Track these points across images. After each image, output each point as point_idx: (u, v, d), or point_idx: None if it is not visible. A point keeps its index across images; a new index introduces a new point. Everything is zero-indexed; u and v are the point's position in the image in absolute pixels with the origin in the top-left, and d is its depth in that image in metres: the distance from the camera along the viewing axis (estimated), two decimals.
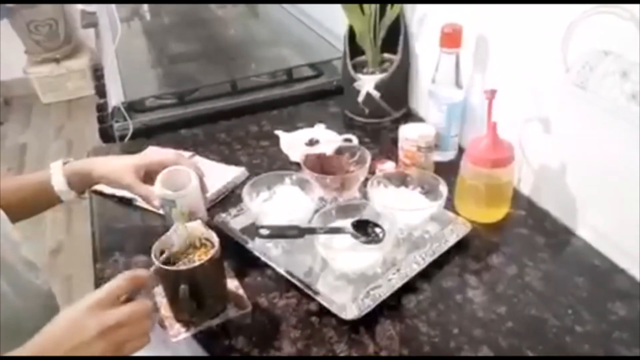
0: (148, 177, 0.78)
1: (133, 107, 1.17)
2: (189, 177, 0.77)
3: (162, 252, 0.65)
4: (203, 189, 0.80)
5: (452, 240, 0.78)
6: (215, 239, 0.67)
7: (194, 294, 0.63)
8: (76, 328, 0.51)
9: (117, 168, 0.76)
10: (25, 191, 0.77)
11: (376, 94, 1.08)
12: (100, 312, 0.52)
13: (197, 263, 0.63)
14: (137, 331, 0.54)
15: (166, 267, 0.63)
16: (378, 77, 1.08)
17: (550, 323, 0.66)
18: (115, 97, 1.17)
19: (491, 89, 0.78)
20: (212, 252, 0.64)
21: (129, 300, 0.56)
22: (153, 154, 0.80)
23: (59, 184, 0.76)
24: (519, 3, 0.80)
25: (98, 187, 0.95)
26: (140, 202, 0.91)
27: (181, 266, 0.64)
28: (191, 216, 0.75)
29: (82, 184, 0.79)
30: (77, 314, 0.52)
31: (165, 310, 0.70)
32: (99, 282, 0.76)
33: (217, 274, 0.69)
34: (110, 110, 1.15)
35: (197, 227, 0.70)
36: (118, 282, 0.55)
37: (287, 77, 1.28)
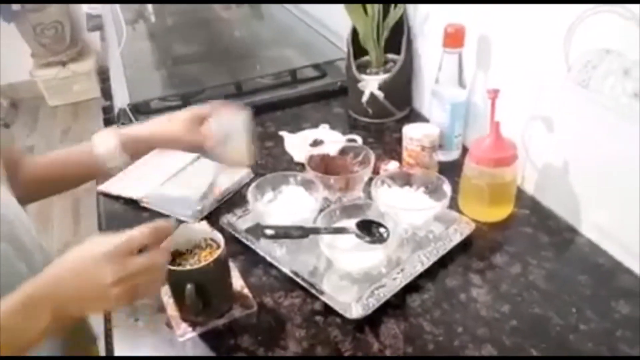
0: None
1: (138, 108, 1.18)
2: (238, 119, 0.81)
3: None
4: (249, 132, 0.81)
5: (456, 239, 0.78)
6: (220, 239, 0.68)
7: (200, 294, 0.64)
8: (93, 273, 0.52)
9: (165, 127, 0.78)
10: (71, 160, 0.80)
11: (380, 94, 1.08)
12: (118, 260, 0.52)
13: (203, 263, 0.64)
14: (152, 280, 0.55)
15: (172, 268, 0.64)
16: (382, 77, 1.09)
17: (554, 321, 0.66)
18: (120, 99, 1.18)
19: (494, 88, 0.79)
20: (217, 253, 0.65)
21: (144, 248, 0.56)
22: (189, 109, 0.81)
23: (109, 148, 0.76)
24: (521, 3, 0.80)
25: (105, 189, 0.97)
26: (147, 203, 0.92)
27: (187, 266, 0.65)
28: (241, 156, 0.78)
29: (132, 146, 0.78)
30: (94, 259, 0.52)
31: (171, 310, 0.71)
32: None
33: (223, 274, 0.69)
34: (116, 112, 1.16)
35: (203, 228, 0.70)
36: (138, 235, 0.55)
37: (291, 78, 1.29)
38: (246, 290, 0.74)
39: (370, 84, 1.08)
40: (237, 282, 0.75)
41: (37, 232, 0.72)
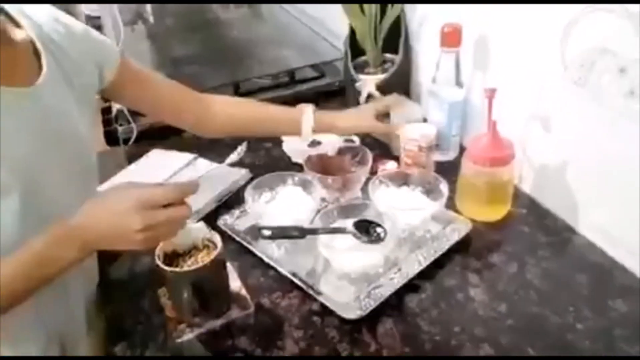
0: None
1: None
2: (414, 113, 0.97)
3: (165, 254, 0.66)
4: None
5: (453, 239, 0.78)
6: (218, 240, 0.68)
7: (197, 295, 0.64)
8: (125, 218, 0.59)
9: (357, 118, 0.93)
10: (274, 122, 0.94)
11: (377, 94, 1.08)
12: (144, 211, 0.59)
13: (200, 264, 0.64)
14: (172, 229, 0.63)
15: (170, 269, 0.64)
16: (379, 77, 1.09)
17: (552, 320, 0.66)
18: None
19: (491, 87, 0.79)
20: (215, 254, 0.65)
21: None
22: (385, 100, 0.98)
23: (307, 128, 0.89)
24: (518, 2, 0.80)
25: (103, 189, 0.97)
26: None
27: (185, 267, 0.65)
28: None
29: (323, 131, 0.92)
30: (127, 205, 0.59)
31: (169, 311, 0.71)
32: (104, 289, 0.78)
33: (220, 275, 0.69)
34: (114, 113, 1.16)
35: (201, 229, 0.70)
36: (168, 192, 0.61)
37: (289, 78, 1.29)
38: (244, 291, 0.74)
39: (368, 84, 1.08)
40: (235, 282, 0.75)
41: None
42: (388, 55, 1.13)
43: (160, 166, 1.02)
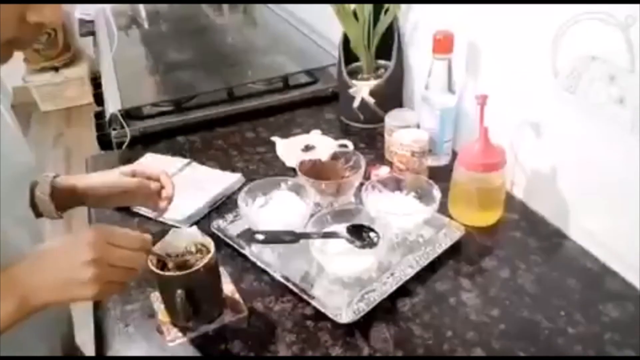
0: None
1: (130, 114, 1.18)
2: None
3: (158, 258, 0.66)
4: None
5: (445, 244, 0.79)
6: (210, 244, 0.68)
7: (190, 299, 0.64)
8: (74, 249, 0.55)
9: (100, 175, 0.79)
10: None
11: (371, 100, 1.09)
12: (101, 244, 0.55)
13: (193, 269, 0.64)
14: (125, 276, 0.58)
15: (162, 273, 0.64)
16: (373, 83, 1.09)
17: (543, 325, 0.67)
18: (112, 105, 1.18)
19: (482, 94, 0.80)
20: (207, 258, 0.65)
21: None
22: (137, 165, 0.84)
23: (43, 192, 0.75)
24: (509, 9, 0.81)
25: None
26: (137, 209, 0.92)
27: (177, 271, 0.65)
28: None
29: (65, 199, 0.77)
30: (78, 238, 0.55)
31: (162, 315, 0.71)
32: None
33: (213, 279, 0.69)
34: (107, 117, 1.16)
35: (193, 233, 0.71)
36: (126, 235, 0.58)
37: (283, 83, 1.29)
38: (237, 295, 0.74)
39: (362, 90, 1.09)
40: (228, 287, 0.75)
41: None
42: (381, 62, 1.14)
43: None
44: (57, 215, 0.76)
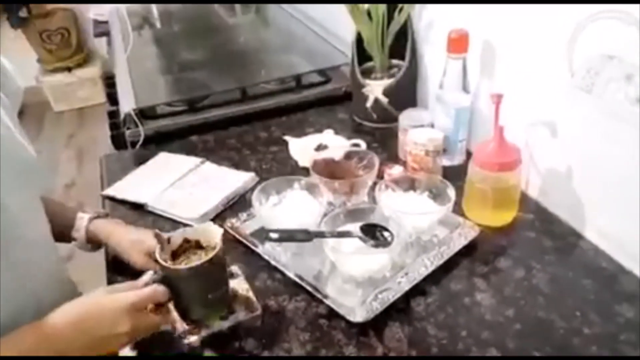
0: None
1: (144, 113, 1.19)
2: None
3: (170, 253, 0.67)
4: None
5: (460, 243, 0.78)
6: (218, 239, 0.67)
7: (194, 293, 0.64)
8: (113, 320, 0.59)
9: (132, 248, 0.78)
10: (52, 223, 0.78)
11: (384, 100, 1.09)
12: (135, 314, 0.60)
13: (198, 262, 0.64)
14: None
15: (168, 266, 0.64)
16: (386, 82, 1.09)
17: (558, 325, 0.66)
18: (126, 104, 1.19)
19: (497, 93, 0.79)
20: (213, 253, 0.65)
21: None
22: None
23: (79, 236, 0.82)
24: (525, 8, 0.81)
25: (110, 193, 0.98)
26: (152, 207, 0.93)
27: (183, 265, 0.65)
28: None
29: (97, 243, 0.83)
30: (115, 308, 0.60)
31: (175, 312, 0.71)
32: (110, 284, 0.78)
33: (219, 274, 0.69)
34: (122, 117, 1.17)
35: (204, 227, 0.71)
36: (152, 295, 0.62)
37: (295, 83, 1.30)
38: (251, 294, 0.74)
39: (375, 89, 1.09)
40: (242, 285, 0.75)
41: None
42: (395, 61, 1.14)
43: (168, 170, 1.03)
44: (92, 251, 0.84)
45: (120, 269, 0.79)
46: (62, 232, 0.80)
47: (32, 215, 0.69)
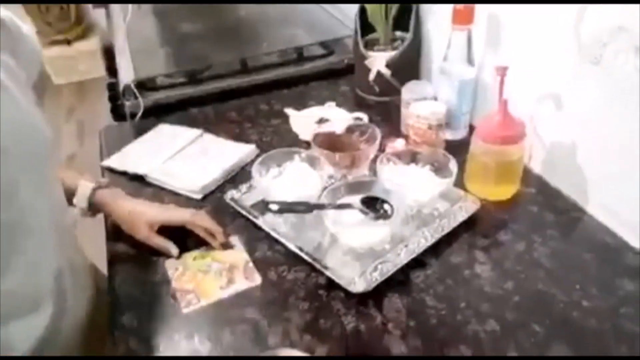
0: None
1: (144, 85, 1.18)
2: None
3: None
4: None
5: (461, 217, 0.78)
6: None
7: None
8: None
9: (134, 220, 0.77)
10: None
11: (387, 72, 1.07)
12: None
13: None
14: None
15: None
16: (389, 54, 1.07)
17: (558, 298, 0.66)
18: (126, 76, 1.18)
19: (502, 65, 0.78)
20: None
21: None
22: (171, 210, 0.80)
23: (80, 203, 0.79)
24: None
25: (110, 164, 0.97)
26: (152, 179, 0.92)
27: None
28: None
29: (98, 212, 0.81)
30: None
31: (176, 282, 0.72)
32: (111, 261, 0.78)
33: None
34: (121, 88, 1.16)
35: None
36: None
37: (297, 55, 1.27)
38: (251, 265, 0.74)
39: (378, 61, 1.07)
40: (242, 256, 0.75)
41: None
42: (399, 33, 1.12)
43: (168, 141, 1.02)
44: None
45: (120, 239, 0.79)
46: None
47: (43, 201, 0.65)
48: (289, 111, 1.08)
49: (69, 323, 0.68)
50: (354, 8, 1.12)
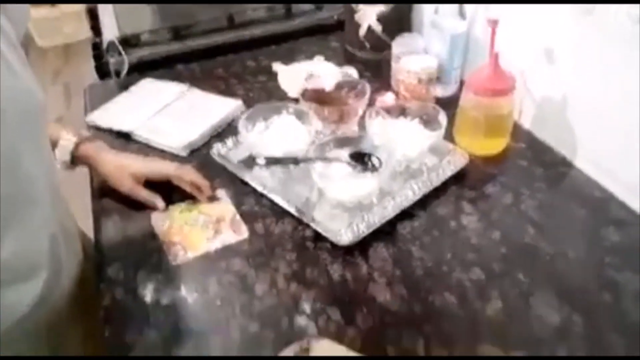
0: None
1: (128, 42, 1.14)
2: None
3: None
4: None
5: (449, 171, 0.77)
6: None
7: None
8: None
9: (118, 173, 0.76)
10: None
11: (378, 27, 1.05)
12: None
13: None
14: None
15: None
16: (380, 8, 1.05)
17: (544, 249, 0.67)
18: (110, 33, 1.14)
19: (494, 18, 0.76)
20: None
21: None
22: (156, 162, 0.79)
23: (63, 156, 0.77)
24: None
25: (94, 121, 0.95)
26: (137, 136, 0.91)
27: None
28: None
29: (82, 165, 0.79)
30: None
31: (163, 236, 0.71)
32: (97, 216, 0.77)
33: None
34: (105, 45, 1.12)
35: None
36: None
37: (285, 11, 1.24)
38: (238, 217, 0.73)
39: (368, 15, 1.04)
40: (229, 209, 0.74)
41: None
42: None
43: (153, 96, 1.00)
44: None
45: (105, 194, 0.78)
46: None
47: (40, 168, 0.63)
48: (277, 66, 1.06)
49: (60, 288, 0.67)
50: None
